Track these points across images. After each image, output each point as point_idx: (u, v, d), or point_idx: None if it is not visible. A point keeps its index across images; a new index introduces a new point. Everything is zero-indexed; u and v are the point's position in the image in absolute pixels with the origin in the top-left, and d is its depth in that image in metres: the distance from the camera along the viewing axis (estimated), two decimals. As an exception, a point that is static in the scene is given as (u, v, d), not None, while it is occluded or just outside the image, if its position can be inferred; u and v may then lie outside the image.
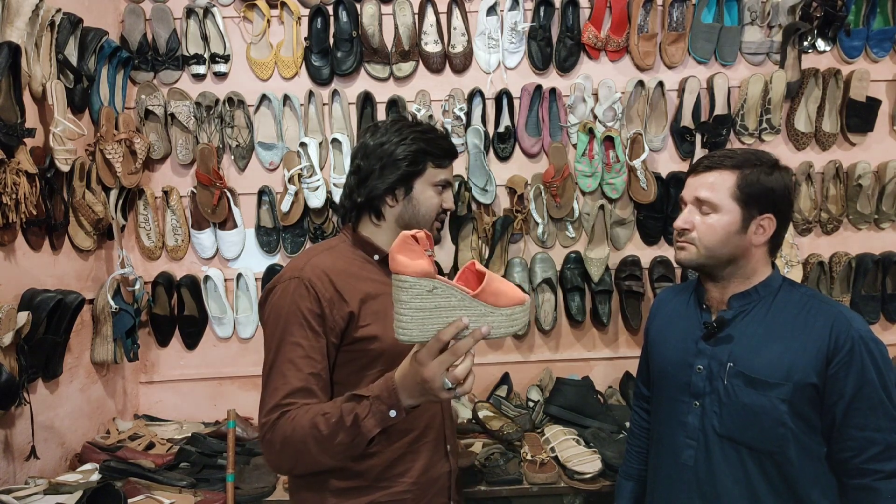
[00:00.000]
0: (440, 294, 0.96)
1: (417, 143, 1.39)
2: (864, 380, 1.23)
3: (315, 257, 1.36)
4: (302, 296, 1.27)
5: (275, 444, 1.21)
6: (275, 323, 1.28)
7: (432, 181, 1.41)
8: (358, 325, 1.30)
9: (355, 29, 2.30)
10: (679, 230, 1.37)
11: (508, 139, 2.35)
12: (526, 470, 1.89)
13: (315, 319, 1.27)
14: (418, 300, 0.96)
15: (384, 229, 1.43)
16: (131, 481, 1.81)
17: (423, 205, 1.41)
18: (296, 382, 1.23)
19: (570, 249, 2.38)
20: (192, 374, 2.38)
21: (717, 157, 1.35)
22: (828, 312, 1.30)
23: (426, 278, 0.94)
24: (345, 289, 1.30)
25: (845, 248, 2.39)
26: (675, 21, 2.34)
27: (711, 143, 2.33)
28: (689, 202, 1.37)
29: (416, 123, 1.44)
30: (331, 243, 1.45)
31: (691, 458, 1.36)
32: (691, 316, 1.46)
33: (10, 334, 1.57)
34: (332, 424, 1.14)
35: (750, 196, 1.30)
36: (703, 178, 1.34)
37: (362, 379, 1.30)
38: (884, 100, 2.36)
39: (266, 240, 2.35)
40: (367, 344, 1.30)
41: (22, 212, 1.66)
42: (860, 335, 1.25)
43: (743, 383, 1.30)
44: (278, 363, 1.25)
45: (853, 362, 1.23)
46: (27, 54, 1.76)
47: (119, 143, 2.10)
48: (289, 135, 2.35)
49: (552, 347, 2.45)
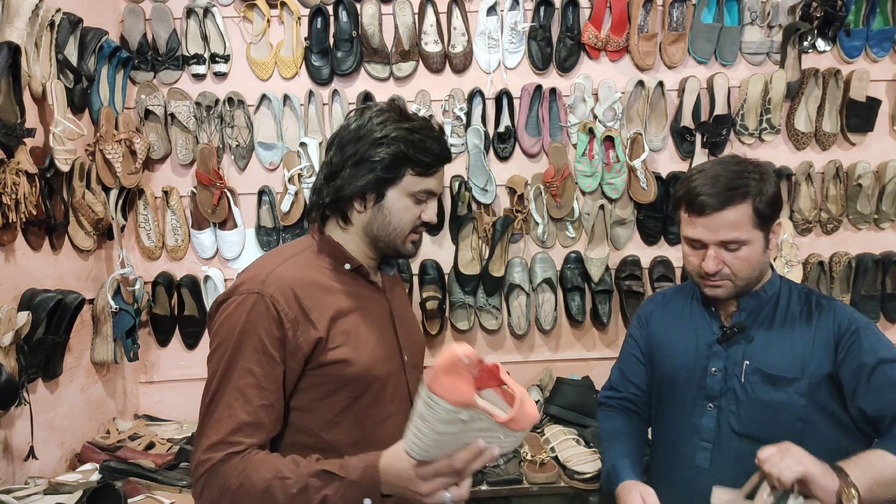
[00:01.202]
0: (469, 421, 0.89)
1: (397, 146, 1.18)
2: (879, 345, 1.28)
3: (279, 267, 1.18)
4: (260, 315, 1.10)
5: (211, 489, 1.06)
6: (224, 341, 1.11)
7: (410, 190, 1.22)
8: (326, 349, 1.14)
9: (355, 29, 2.30)
10: (713, 273, 1.32)
11: (508, 139, 2.35)
12: (526, 470, 1.89)
13: (273, 344, 1.10)
14: (444, 425, 0.90)
15: (352, 235, 1.26)
16: (131, 481, 1.81)
17: (394, 216, 1.22)
18: (243, 416, 1.07)
19: (570, 249, 2.38)
20: (192, 374, 2.37)
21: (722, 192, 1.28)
22: (828, 306, 1.36)
23: (464, 408, 0.88)
24: (312, 306, 1.14)
25: (845, 248, 2.39)
26: (675, 21, 2.34)
27: (711, 143, 2.32)
28: (712, 244, 1.31)
29: (405, 118, 1.23)
30: (297, 247, 1.27)
31: (706, 461, 1.37)
32: (698, 320, 1.46)
33: (10, 334, 1.57)
34: (291, 496, 1.01)
35: (765, 215, 1.31)
36: (720, 219, 1.28)
37: (325, 406, 1.18)
38: (884, 100, 2.36)
39: (266, 240, 2.35)
40: (336, 368, 1.15)
41: (22, 212, 1.66)
42: (864, 320, 1.32)
43: (760, 380, 1.33)
44: (225, 391, 1.09)
45: (862, 338, 1.29)
46: (27, 54, 1.75)
47: (119, 143, 2.10)
48: (289, 135, 2.35)
49: (552, 347, 2.45)
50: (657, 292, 1.79)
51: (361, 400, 1.19)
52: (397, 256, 1.32)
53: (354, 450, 1.09)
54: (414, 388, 1.29)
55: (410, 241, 1.27)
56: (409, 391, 1.29)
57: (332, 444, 1.17)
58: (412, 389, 1.29)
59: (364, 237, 1.25)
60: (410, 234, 1.26)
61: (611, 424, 1.57)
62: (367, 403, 1.20)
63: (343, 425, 1.18)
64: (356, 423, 1.19)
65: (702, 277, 1.36)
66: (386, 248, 1.26)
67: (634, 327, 1.62)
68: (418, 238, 1.29)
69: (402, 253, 1.29)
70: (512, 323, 2.38)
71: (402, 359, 1.30)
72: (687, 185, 1.34)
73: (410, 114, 1.26)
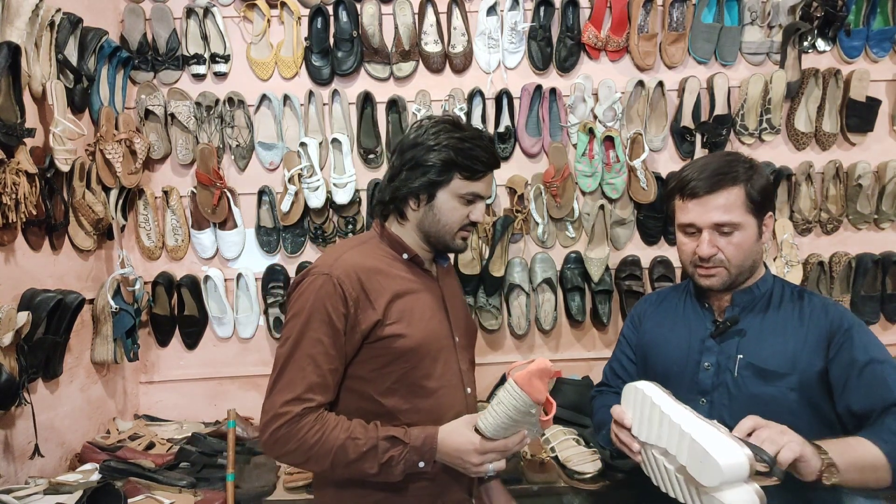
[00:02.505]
0: (531, 414, 1.17)
1: (447, 153, 1.34)
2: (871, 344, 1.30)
3: (346, 253, 1.36)
4: (329, 293, 1.28)
5: (287, 441, 1.23)
6: (297, 315, 1.29)
7: (458, 192, 1.37)
8: (384, 324, 1.31)
9: (355, 29, 2.30)
10: (707, 257, 1.35)
11: (508, 139, 2.35)
12: (526, 470, 1.89)
13: (339, 318, 1.28)
14: (516, 413, 1.15)
15: (408, 230, 1.43)
16: (131, 481, 1.81)
17: (444, 215, 1.38)
18: (314, 377, 1.26)
19: (570, 249, 2.38)
20: (192, 374, 2.38)
21: (712, 176, 1.33)
22: (820, 304, 1.38)
23: (537, 405, 1.15)
24: (372, 289, 1.32)
25: (845, 248, 2.39)
26: (676, 21, 2.34)
27: (711, 143, 2.33)
28: (705, 228, 1.34)
29: (457, 128, 1.39)
30: (362, 238, 1.47)
31: None
32: (691, 316, 1.49)
33: (10, 334, 1.57)
34: (361, 454, 1.22)
35: (758, 203, 1.34)
36: (712, 201, 1.33)
37: (383, 375, 1.34)
38: (884, 100, 2.36)
39: (266, 240, 2.35)
40: (392, 342, 1.32)
41: (22, 212, 1.66)
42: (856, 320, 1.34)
43: (752, 374, 1.35)
44: (297, 356, 1.27)
45: (854, 336, 1.30)
46: (27, 54, 1.76)
47: (119, 143, 2.10)
48: (289, 135, 2.35)
49: (552, 347, 2.45)
50: (651, 292, 1.80)
51: (415, 371, 1.35)
52: (447, 251, 1.47)
53: (409, 415, 1.32)
54: (464, 367, 1.47)
55: (460, 238, 1.42)
56: (460, 368, 1.45)
57: (390, 410, 1.34)
58: (462, 367, 1.46)
59: (418, 232, 1.42)
60: (459, 232, 1.41)
61: (603, 400, 1.62)
62: (421, 375, 1.36)
63: (399, 393, 1.35)
64: (411, 392, 1.35)
65: (696, 266, 1.39)
66: (437, 243, 1.43)
67: (627, 327, 1.66)
68: (468, 235, 1.44)
69: (452, 248, 1.44)
70: (512, 323, 2.38)
71: (454, 339, 1.45)
72: (679, 174, 1.41)
73: (464, 125, 1.43)
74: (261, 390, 2.37)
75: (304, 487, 1.87)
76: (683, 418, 1.13)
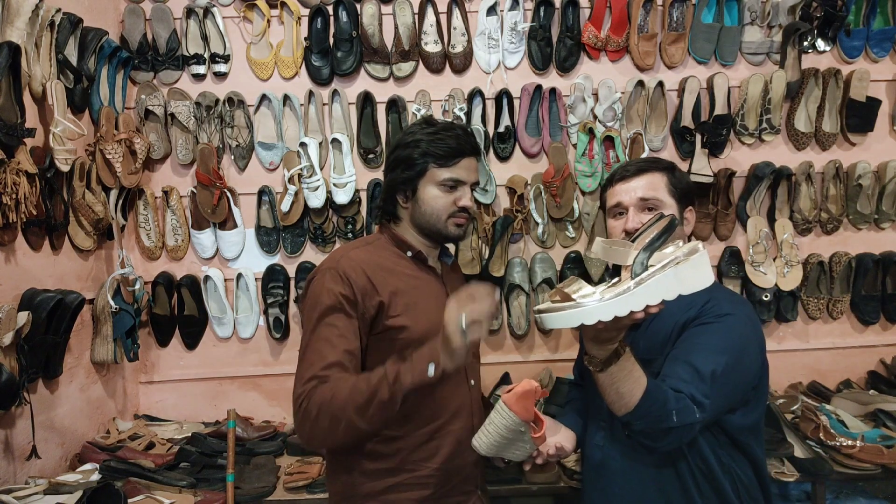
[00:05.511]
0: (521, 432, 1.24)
1: (419, 146, 1.42)
2: (712, 342, 1.29)
3: (352, 251, 1.44)
4: (336, 282, 1.35)
5: (311, 412, 1.26)
6: (312, 308, 1.36)
7: (437, 180, 1.43)
8: (388, 315, 1.37)
9: (355, 29, 2.30)
10: (631, 231, 1.38)
11: (508, 139, 2.35)
12: (526, 469, 1.89)
13: (348, 304, 1.34)
14: (507, 432, 1.23)
15: (405, 227, 1.50)
16: (131, 481, 1.81)
17: (428, 205, 1.44)
18: (331, 357, 1.30)
19: (570, 249, 2.38)
20: (192, 374, 2.38)
21: (637, 163, 1.47)
22: (708, 290, 1.25)
23: (525, 423, 1.23)
24: (377, 281, 1.38)
25: (845, 248, 2.39)
26: (675, 21, 2.34)
27: (711, 143, 2.32)
28: (631, 205, 1.43)
29: (429, 124, 1.47)
30: (368, 239, 1.53)
31: (602, 440, 1.45)
32: None
33: (10, 334, 1.57)
34: (373, 384, 1.24)
35: (680, 192, 1.44)
36: (637, 182, 1.43)
37: None
38: (884, 100, 2.36)
39: (266, 240, 2.35)
40: (396, 333, 1.37)
41: (22, 212, 1.66)
42: (736, 313, 1.32)
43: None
44: (313, 342, 1.33)
45: (705, 331, 1.31)
46: (27, 54, 1.76)
47: (119, 143, 2.10)
48: (289, 135, 2.35)
49: (552, 347, 2.45)
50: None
51: None
52: (445, 240, 1.51)
53: (413, 406, 1.34)
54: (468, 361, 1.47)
55: (453, 225, 1.46)
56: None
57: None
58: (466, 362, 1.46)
59: (413, 227, 1.48)
60: (451, 219, 1.45)
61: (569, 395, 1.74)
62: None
63: None
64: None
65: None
66: (432, 234, 1.48)
67: None
68: (462, 222, 1.47)
69: (448, 236, 1.48)
70: (512, 323, 2.38)
71: None
72: (611, 173, 1.53)
73: (435, 120, 1.50)
74: (261, 390, 2.39)
75: (305, 488, 1.87)
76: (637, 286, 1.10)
